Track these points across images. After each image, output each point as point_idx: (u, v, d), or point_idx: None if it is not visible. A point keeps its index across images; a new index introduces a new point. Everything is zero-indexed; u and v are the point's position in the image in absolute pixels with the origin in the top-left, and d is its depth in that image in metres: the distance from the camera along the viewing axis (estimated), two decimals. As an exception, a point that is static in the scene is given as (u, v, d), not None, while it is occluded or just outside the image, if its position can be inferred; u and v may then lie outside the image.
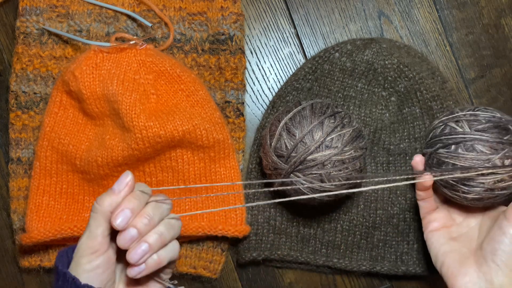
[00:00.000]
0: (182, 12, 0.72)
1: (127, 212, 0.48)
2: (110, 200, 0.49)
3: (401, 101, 0.71)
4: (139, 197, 0.50)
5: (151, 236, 0.49)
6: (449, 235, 0.63)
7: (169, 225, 0.51)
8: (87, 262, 0.49)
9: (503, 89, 0.75)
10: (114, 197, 0.49)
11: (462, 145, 0.58)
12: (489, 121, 0.58)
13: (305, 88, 0.72)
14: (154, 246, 0.49)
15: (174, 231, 0.52)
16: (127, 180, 0.50)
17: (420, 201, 0.65)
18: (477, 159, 0.57)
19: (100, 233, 0.49)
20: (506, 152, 0.56)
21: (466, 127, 0.59)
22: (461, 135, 0.58)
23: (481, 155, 0.57)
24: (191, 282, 0.74)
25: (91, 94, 0.67)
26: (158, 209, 0.50)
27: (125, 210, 0.48)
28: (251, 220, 0.72)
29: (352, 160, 0.61)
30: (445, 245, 0.62)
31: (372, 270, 0.71)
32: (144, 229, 0.49)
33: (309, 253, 0.72)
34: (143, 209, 0.50)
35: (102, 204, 0.49)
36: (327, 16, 0.75)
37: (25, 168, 0.71)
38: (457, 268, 0.58)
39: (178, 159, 0.69)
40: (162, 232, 0.50)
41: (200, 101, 0.69)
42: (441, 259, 0.61)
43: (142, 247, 0.48)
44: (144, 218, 0.49)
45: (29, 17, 0.71)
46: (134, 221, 0.49)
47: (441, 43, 0.75)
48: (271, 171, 0.64)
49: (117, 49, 0.68)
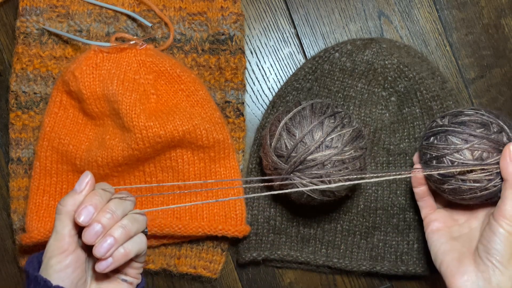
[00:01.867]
0: (182, 12, 0.72)
1: (90, 209, 0.50)
2: (72, 200, 0.51)
3: (401, 101, 0.71)
4: (101, 194, 0.51)
5: (116, 230, 0.50)
6: (450, 234, 0.63)
7: (133, 218, 0.52)
8: (57, 263, 0.50)
9: (503, 89, 0.75)
10: (76, 196, 0.51)
11: (438, 136, 0.60)
12: (468, 116, 0.60)
13: (305, 88, 0.72)
14: (119, 239, 0.50)
15: (139, 224, 0.53)
16: (87, 180, 0.52)
17: (419, 201, 0.66)
18: (447, 148, 0.59)
19: (66, 233, 0.50)
20: (475, 143, 0.58)
21: (446, 121, 0.61)
22: (438, 128, 0.61)
23: (451, 145, 0.59)
24: (191, 282, 0.74)
25: (91, 94, 0.67)
26: (120, 205, 0.52)
27: (87, 207, 0.50)
28: (251, 220, 0.72)
29: (352, 160, 0.61)
30: (445, 244, 0.62)
31: (372, 270, 0.71)
32: (108, 223, 0.50)
33: (309, 253, 0.72)
34: (105, 205, 0.51)
35: (65, 204, 0.51)
36: (327, 16, 0.75)
37: (25, 168, 0.71)
38: (456, 267, 0.59)
39: (178, 159, 0.69)
40: (126, 225, 0.51)
41: (200, 101, 0.69)
42: (441, 257, 0.61)
43: (108, 241, 0.50)
44: (107, 213, 0.50)
45: (29, 17, 0.71)
46: (97, 217, 0.50)
47: (441, 43, 0.75)
48: (271, 171, 0.64)
49: (117, 49, 0.68)
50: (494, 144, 0.58)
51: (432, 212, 0.65)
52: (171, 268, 0.72)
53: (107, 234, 0.50)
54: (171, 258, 0.72)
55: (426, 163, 0.61)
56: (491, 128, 0.59)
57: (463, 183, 0.59)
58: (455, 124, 0.60)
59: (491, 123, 0.59)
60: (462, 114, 0.61)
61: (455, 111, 0.62)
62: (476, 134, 0.58)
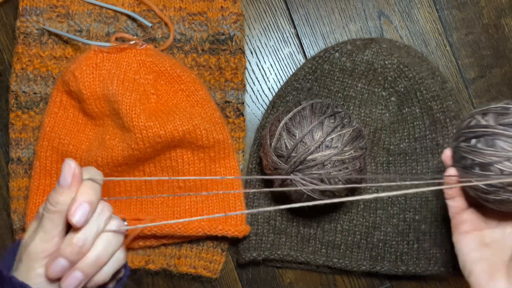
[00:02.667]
0: (182, 12, 0.72)
1: (86, 207, 0.44)
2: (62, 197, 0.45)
3: (401, 101, 0.71)
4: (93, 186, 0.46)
5: (85, 263, 0.45)
6: (481, 239, 0.56)
7: (107, 242, 0.47)
8: (41, 266, 0.45)
9: (503, 89, 0.75)
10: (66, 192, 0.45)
11: (483, 139, 0.51)
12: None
13: (305, 88, 0.72)
14: (89, 273, 0.46)
15: (115, 245, 0.47)
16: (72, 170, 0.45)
17: (449, 200, 0.58)
18: (495, 155, 0.50)
19: (57, 233, 0.45)
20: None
21: (491, 120, 0.52)
22: (482, 129, 0.52)
23: (501, 152, 0.50)
24: (191, 282, 0.74)
25: (91, 94, 0.67)
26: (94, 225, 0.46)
27: (82, 205, 0.44)
28: (251, 220, 0.72)
29: (352, 160, 0.61)
30: (474, 251, 0.55)
31: (372, 270, 0.71)
32: (76, 258, 0.45)
33: (309, 253, 0.72)
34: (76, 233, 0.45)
35: (56, 203, 0.45)
36: (327, 16, 0.75)
37: (25, 168, 0.71)
38: (486, 279, 0.52)
39: (178, 159, 0.69)
40: (99, 256, 0.46)
41: (200, 101, 0.69)
42: (469, 267, 0.54)
43: (76, 276, 0.45)
44: (75, 246, 0.45)
45: (29, 17, 0.71)
46: (62, 250, 0.45)
47: (441, 43, 0.75)
48: (271, 171, 0.64)
49: (117, 49, 0.68)
50: None
51: (462, 213, 0.57)
52: (171, 268, 0.72)
53: (75, 268, 0.45)
54: (171, 258, 0.72)
55: (466, 168, 0.53)
56: None
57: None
58: (504, 126, 0.50)
59: None
60: (508, 111, 0.51)
61: (498, 107, 0.53)
62: None
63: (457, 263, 0.56)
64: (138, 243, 0.71)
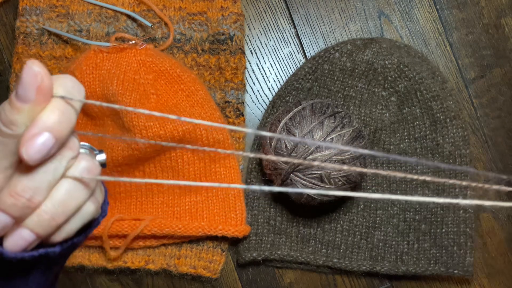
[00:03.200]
0: (182, 12, 0.72)
1: (48, 138, 0.30)
2: (20, 117, 0.30)
3: (401, 101, 0.71)
4: (66, 109, 0.31)
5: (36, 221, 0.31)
6: None
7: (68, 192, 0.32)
8: None
9: (503, 89, 0.75)
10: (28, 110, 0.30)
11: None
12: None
13: (305, 88, 0.72)
14: (43, 234, 0.32)
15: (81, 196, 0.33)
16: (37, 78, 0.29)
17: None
18: None
19: (8, 165, 0.31)
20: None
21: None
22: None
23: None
24: (191, 282, 0.74)
25: (91, 94, 0.67)
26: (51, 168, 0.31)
27: (44, 134, 0.30)
28: (251, 220, 0.72)
29: (352, 160, 0.61)
30: None
31: (372, 270, 0.71)
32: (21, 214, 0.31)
33: (309, 253, 0.72)
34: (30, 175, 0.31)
35: (10, 122, 0.30)
36: (327, 16, 0.75)
37: (25, 168, 0.71)
38: None
39: (178, 159, 0.69)
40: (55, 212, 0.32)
41: (200, 101, 0.69)
42: None
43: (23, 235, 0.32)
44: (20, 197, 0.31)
45: (29, 17, 0.71)
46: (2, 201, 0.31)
47: (441, 43, 0.75)
48: (271, 171, 0.64)
49: (117, 49, 0.68)
50: None
51: None
52: (171, 268, 0.72)
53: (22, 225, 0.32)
54: (171, 258, 0.72)
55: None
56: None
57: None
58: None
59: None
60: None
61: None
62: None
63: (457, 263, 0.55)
64: (138, 243, 0.71)
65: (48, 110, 0.30)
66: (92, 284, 0.73)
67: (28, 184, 0.30)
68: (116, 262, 0.71)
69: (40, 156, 0.29)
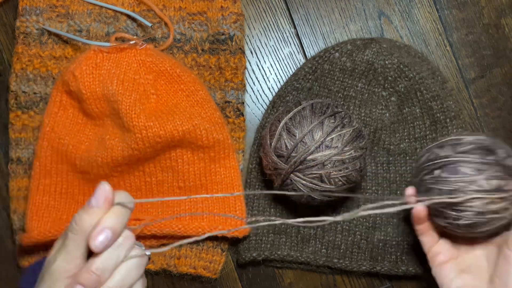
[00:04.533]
0: (182, 12, 0.72)
1: (108, 233, 0.43)
2: (89, 217, 0.44)
3: (401, 101, 0.71)
4: (121, 213, 0.45)
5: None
6: (458, 267, 0.58)
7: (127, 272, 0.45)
8: (62, 286, 0.44)
9: (503, 89, 0.75)
10: (94, 213, 0.44)
11: (446, 169, 0.56)
12: (471, 143, 0.56)
13: (305, 88, 0.72)
14: None
15: (135, 275, 0.46)
16: (105, 193, 0.44)
17: (420, 236, 0.61)
18: (461, 181, 0.54)
19: (79, 255, 0.44)
20: (490, 172, 0.53)
21: (449, 151, 0.57)
22: (444, 159, 0.56)
23: (465, 177, 0.54)
24: (191, 282, 0.74)
25: (91, 94, 0.67)
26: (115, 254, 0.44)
27: (105, 230, 0.43)
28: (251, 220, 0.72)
29: (352, 160, 0.61)
30: (456, 279, 0.57)
31: (372, 270, 0.71)
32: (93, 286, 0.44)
33: (309, 253, 0.72)
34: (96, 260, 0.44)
35: (82, 223, 0.44)
36: (327, 16, 0.75)
37: (25, 168, 0.71)
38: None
39: (178, 159, 0.69)
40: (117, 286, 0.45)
41: (200, 101, 0.69)
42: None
43: None
44: (93, 274, 0.43)
45: (29, 17, 0.71)
46: (80, 277, 0.43)
47: (441, 43, 0.75)
48: (271, 171, 0.64)
49: (117, 49, 0.68)
50: (509, 170, 0.53)
51: (435, 245, 0.60)
52: (171, 268, 0.72)
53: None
54: (171, 258, 0.72)
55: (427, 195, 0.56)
56: (499, 154, 0.54)
57: (482, 216, 0.54)
58: (462, 154, 0.55)
59: (495, 148, 0.55)
60: (463, 142, 0.56)
61: (451, 139, 0.58)
62: (488, 162, 0.53)
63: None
64: (138, 243, 0.71)
65: (109, 214, 0.44)
66: (92, 284, 0.73)
67: (99, 265, 0.43)
68: (116, 262, 0.71)
69: (103, 247, 0.43)
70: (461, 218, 0.55)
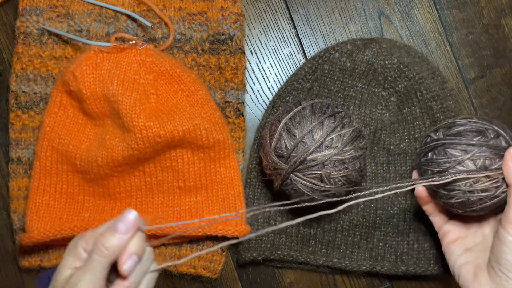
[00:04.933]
0: (182, 12, 0.72)
1: (135, 259, 0.48)
2: (118, 242, 0.47)
3: (401, 101, 0.71)
4: (142, 236, 0.49)
5: None
6: (465, 245, 0.62)
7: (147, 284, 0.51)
8: None
9: (503, 89, 0.75)
10: (122, 239, 0.48)
11: (436, 151, 0.59)
12: (462, 125, 0.59)
13: (305, 88, 0.72)
14: None
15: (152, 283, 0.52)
16: (133, 220, 0.48)
17: (430, 216, 0.65)
18: (448, 161, 0.58)
19: (103, 276, 0.48)
20: (475, 152, 0.57)
21: (441, 134, 0.60)
22: (435, 142, 0.60)
23: (452, 158, 0.57)
24: (191, 282, 0.74)
25: (91, 94, 0.67)
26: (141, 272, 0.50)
27: (133, 257, 0.48)
28: (251, 220, 0.72)
29: (352, 160, 0.61)
30: (460, 257, 0.61)
31: (372, 270, 0.71)
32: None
33: (309, 253, 0.72)
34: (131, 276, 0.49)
35: (110, 248, 0.47)
36: (327, 16, 0.75)
37: (25, 168, 0.71)
38: (471, 281, 0.58)
39: (178, 159, 0.69)
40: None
41: (200, 101, 0.69)
42: (457, 272, 0.60)
43: None
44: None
45: (29, 17, 0.71)
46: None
47: (441, 43, 0.75)
48: (271, 171, 0.64)
49: (117, 49, 0.68)
50: (495, 150, 0.57)
51: (445, 224, 0.64)
52: (171, 268, 0.72)
53: None
54: (171, 258, 0.72)
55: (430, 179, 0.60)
56: (488, 134, 0.58)
57: (471, 195, 0.57)
58: (451, 136, 0.59)
59: (486, 129, 0.58)
60: (455, 124, 0.60)
61: (447, 123, 0.61)
62: (475, 143, 0.57)
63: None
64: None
65: (135, 239, 0.48)
66: (92, 284, 0.73)
67: (131, 280, 0.48)
68: (116, 262, 0.71)
69: (130, 270, 0.48)
70: (453, 197, 0.58)
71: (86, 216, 0.70)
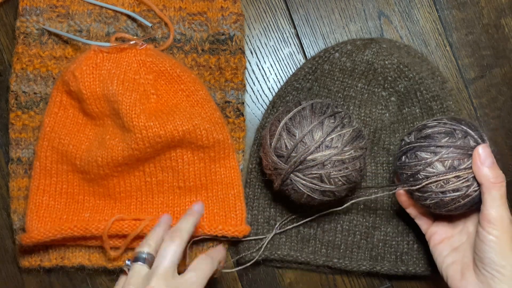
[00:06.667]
0: (182, 12, 0.72)
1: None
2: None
3: (401, 101, 0.71)
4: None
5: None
6: (451, 246, 0.62)
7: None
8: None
9: (503, 89, 0.75)
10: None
11: (408, 154, 0.61)
12: (431, 128, 0.61)
13: (305, 88, 0.72)
14: None
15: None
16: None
17: (415, 219, 0.67)
18: (419, 164, 0.59)
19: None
20: (443, 154, 0.58)
21: (412, 137, 0.62)
22: (407, 146, 0.61)
23: (421, 161, 0.59)
24: (191, 282, 0.74)
25: (91, 94, 0.67)
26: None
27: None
28: (251, 220, 0.72)
29: (352, 160, 0.61)
30: (448, 257, 0.61)
31: (372, 270, 0.71)
32: None
33: (309, 253, 0.72)
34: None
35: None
36: (327, 16, 0.75)
37: (25, 168, 0.71)
38: (459, 280, 0.58)
39: (178, 159, 0.69)
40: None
41: (200, 101, 0.69)
42: (445, 273, 0.61)
43: None
44: None
45: (29, 17, 0.71)
46: None
47: (441, 43, 0.75)
48: (271, 171, 0.64)
49: (117, 49, 0.68)
50: (463, 150, 0.58)
51: (431, 226, 0.65)
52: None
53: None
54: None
55: (405, 182, 0.62)
56: (456, 135, 0.59)
57: (444, 195, 0.58)
58: (421, 139, 0.60)
59: (454, 130, 0.59)
60: (426, 127, 0.61)
61: (419, 126, 0.62)
62: (443, 144, 0.58)
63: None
64: (138, 243, 0.71)
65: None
66: (92, 284, 0.73)
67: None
68: (116, 262, 0.71)
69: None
70: (427, 198, 0.60)
71: (86, 216, 0.70)
